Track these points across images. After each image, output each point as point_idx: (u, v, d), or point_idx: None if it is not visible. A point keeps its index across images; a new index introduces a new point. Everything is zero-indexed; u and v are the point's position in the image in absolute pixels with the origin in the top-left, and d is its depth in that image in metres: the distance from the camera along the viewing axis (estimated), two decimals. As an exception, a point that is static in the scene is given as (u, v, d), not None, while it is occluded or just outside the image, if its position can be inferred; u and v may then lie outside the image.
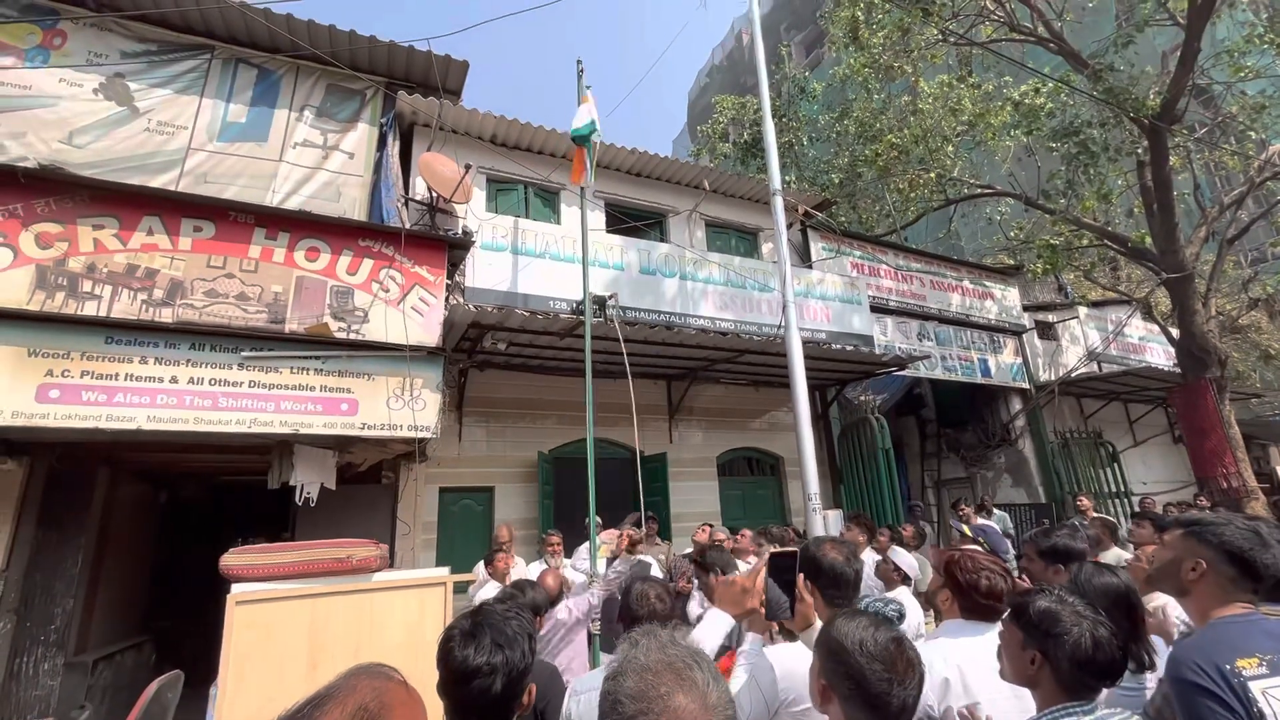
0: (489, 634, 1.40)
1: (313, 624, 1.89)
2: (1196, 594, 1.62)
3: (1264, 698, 1.33)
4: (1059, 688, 1.44)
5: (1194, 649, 1.45)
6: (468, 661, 1.33)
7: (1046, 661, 1.46)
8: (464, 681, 1.32)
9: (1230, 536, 1.58)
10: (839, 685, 1.25)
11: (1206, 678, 1.37)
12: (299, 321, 4.97)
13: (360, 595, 2.00)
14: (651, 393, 8.32)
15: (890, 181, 12.05)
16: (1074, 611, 1.47)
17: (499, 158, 7.90)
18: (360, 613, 1.99)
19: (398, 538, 6.31)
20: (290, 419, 4.78)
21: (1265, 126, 10.93)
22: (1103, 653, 1.40)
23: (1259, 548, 1.55)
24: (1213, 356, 9.49)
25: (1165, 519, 5.67)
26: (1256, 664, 1.38)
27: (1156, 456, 12.74)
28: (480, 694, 1.31)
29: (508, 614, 1.49)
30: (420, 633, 1.97)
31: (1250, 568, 1.54)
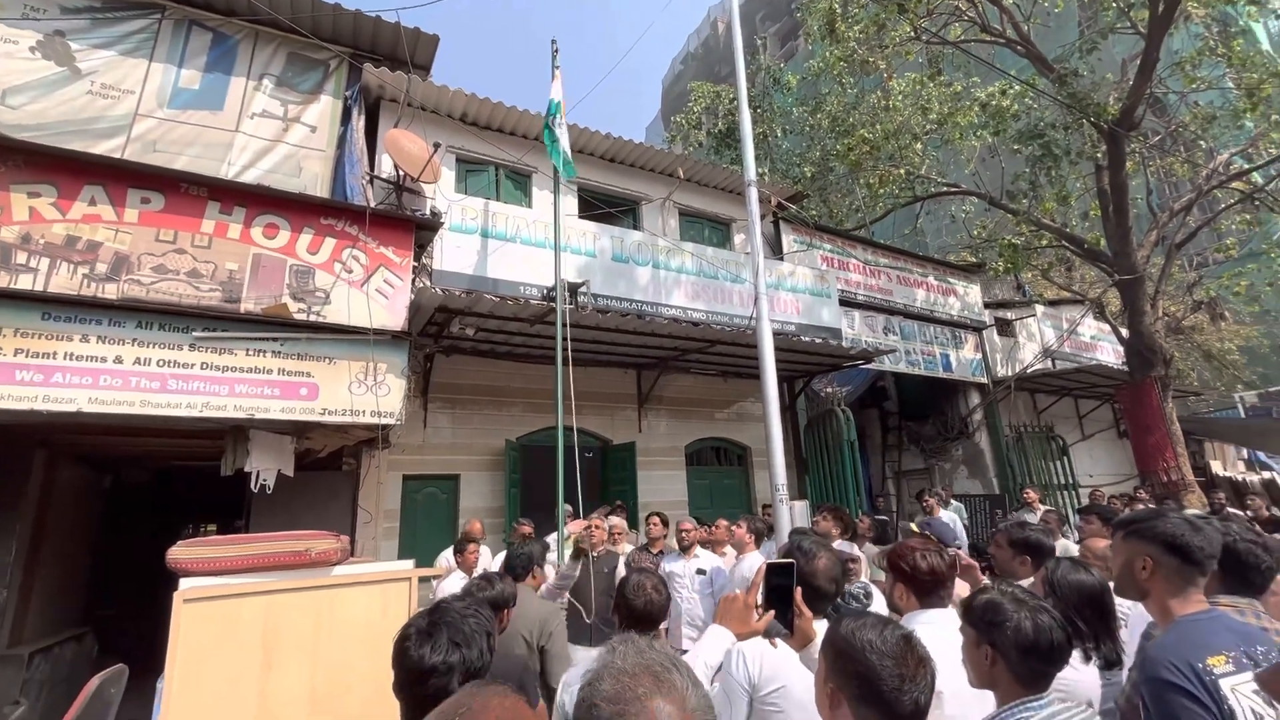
0: (446, 632, 1.35)
1: (267, 622, 1.80)
2: (1154, 592, 1.65)
3: (1233, 694, 1.38)
4: (1014, 681, 1.46)
5: (1168, 649, 1.48)
6: (423, 661, 1.29)
7: (999, 655, 1.48)
8: (420, 681, 1.28)
9: (1164, 527, 1.63)
10: (848, 686, 1.23)
11: (1182, 676, 1.40)
12: (256, 301, 4.75)
13: (319, 591, 1.91)
14: (621, 382, 8.28)
15: (861, 176, 12.18)
16: (1014, 599, 1.49)
17: (470, 137, 7.68)
18: (319, 609, 1.90)
19: (359, 526, 6.15)
20: (245, 403, 4.58)
21: (1214, 137, 11.40)
22: (1044, 636, 1.42)
23: (1192, 533, 1.60)
24: (1159, 356, 9.92)
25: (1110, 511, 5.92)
26: (1224, 661, 1.43)
27: (1103, 450, 13.30)
28: (437, 693, 1.26)
29: (466, 611, 1.45)
30: (383, 630, 1.89)
31: (1188, 554, 1.58)
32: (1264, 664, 1.48)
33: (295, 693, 1.74)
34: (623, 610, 2.11)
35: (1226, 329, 16.38)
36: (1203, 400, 17.27)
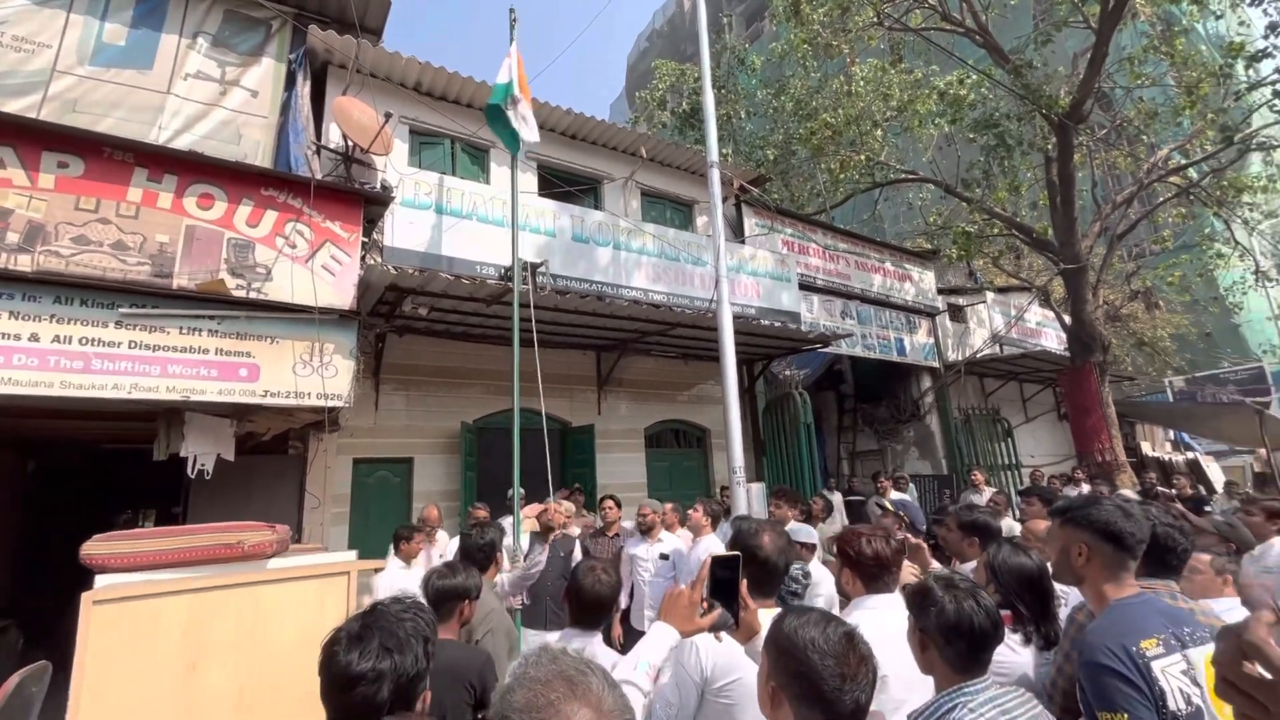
0: (378, 637, 1.27)
1: (190, 621, 1.68)
2: (1090, 578, 1.70)
3: (1163, 676, 1.44)
4: (948, 668, 1.47)
5: (1104, 633, 1.53)
6: (350, 667, 1.21)
7: (928, 640, 1.50)
8: (346, 689, 1.20)
9: (1099, 515, 1.68)
10: (790, 686, 1.21)
11: (1117, 660, 1.45)
12: (190, 277, 4.47)
13: (249, 588, 1.80)
14: (581, 363, 8.19)
15: (822, 161, 12.26)
16: (946, 585, 1.52)
17: (424, 108, 7.37)
18: (249, 607, 1.79)
19: (307, 511, 5.95)
20: (179, 384, 4.33)
21: (1155, 132, 11.87)
22: (966, 620, 1.43)
23: (1125, 519, 1.65)
24: (1098, 343, 10.38)
25: (1051, 492, 6.18)
26: (1156, 644, 1.48)
27: (1044, 432, 13.91)
28: (363, 703, 1.19)
29: (403, 614, 1.37)
30: (319, 628, 1.79)
31: (1121, 540, 1.64)
32: (1190, 644, 1.53)
33: (221, 696, 1.64)
34: (572, 598, 2.07)
35: (1160, 317, 17.26)
36: (1136, 385, 18.23)
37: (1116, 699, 1.42)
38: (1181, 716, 1.42)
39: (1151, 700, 1.41)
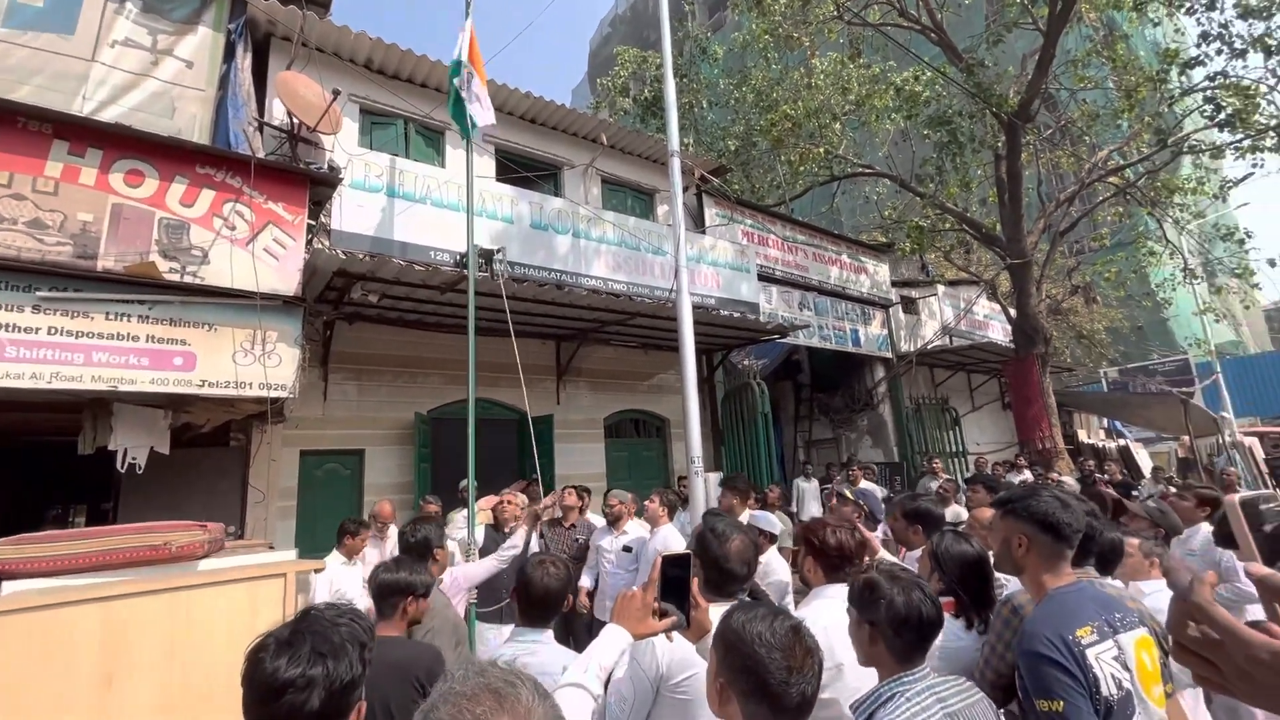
0: (309, 641, 1.18)
1: (106, 631, 1.57)
2: (1029, 568, 1.74)
3: (1097, 662, 1.49)
4: (892, 658, 1.51)
5: (1042, 623, 1.56)
6: (277, 674, 1.12)
7: (876, 632, 1.52)
8: (272, 698, 1.11)
9: (1038, 507, 1.71)
10: (737, 681, 1.20)
11: (1055, 649, 1.49)
12: (116, 259, 4.19)
13: (173, 594, 1.69)
14: (539, 353, 8.08)
15: (782, 153, 12.36)
16: (890, 577, 1.55)
17: (376, 87, 7.09)
18: (174, 614, 1.68)
19: (250, 506, 5.71)
20: (106, 373, 4.06)
21: (1096, 133, 12.38)
22: (914, 611, 1.48)
23: (1062, 511, 1.69)
24: (1040, 335, 10.81)
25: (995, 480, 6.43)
26: (1090, 632, 1.53)
27: (989, 421, 14.48)
28: (291, 712, 1.11)
29: (338, 619, 1.29)
30: (253, 633, 1.70)
31: (1059, 531, 1.68)
32: (1121, 629, 1.60)
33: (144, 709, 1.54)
34: (520, 593, 2.02)
35: (1097, 311, 18.13)
36: (1074, 376, 19.14)
37: (1054, 687, 1.45)
38: (1113, 700, 1.46)
39: (1086, 687, 1.45)
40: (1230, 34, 9.92)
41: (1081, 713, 1.42)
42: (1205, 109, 10.39)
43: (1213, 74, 10.28)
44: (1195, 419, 12.24)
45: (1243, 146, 10.45)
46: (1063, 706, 1.43)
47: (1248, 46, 9.83)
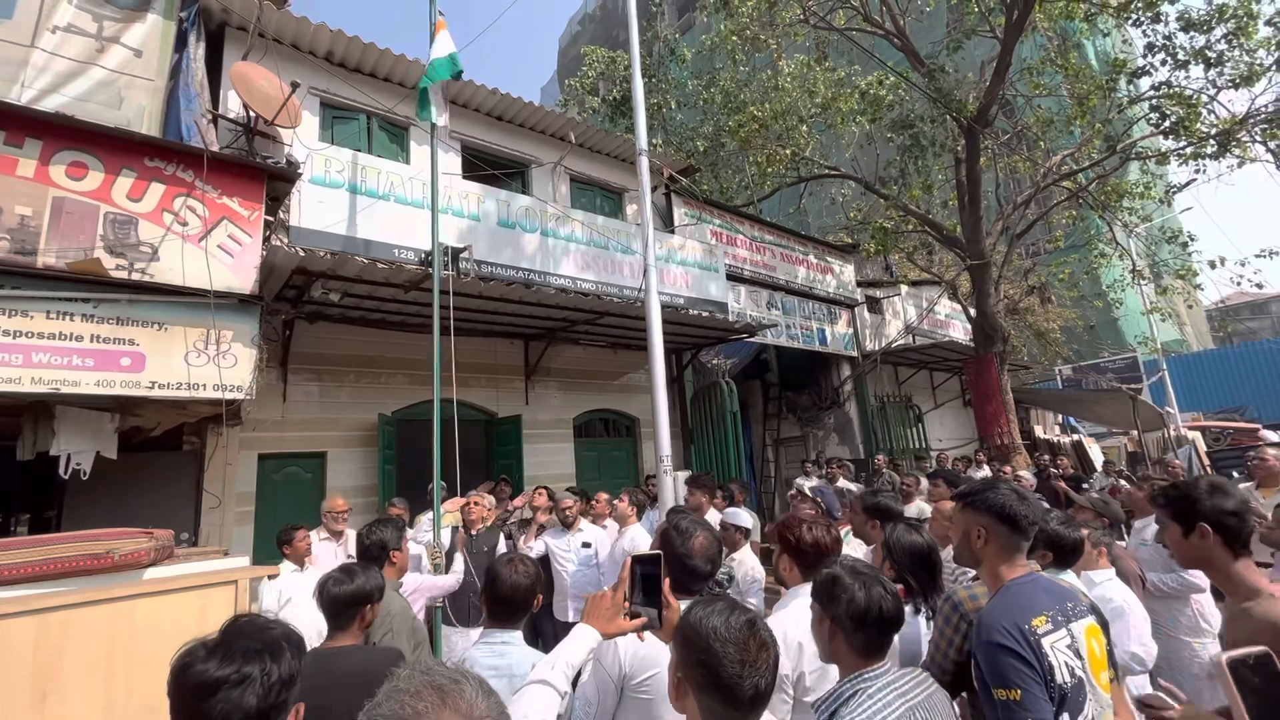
0: (240, 641, 1.16)
1: (41, 645, 1.49)
2: (987, 559, 1.76)
3: (1052, 651, 1.52)
4: (852, 653, 1.52)
5: (1000, 613, 1.59)
6: (209, 673, 1.09)
7: (837, 628, 1.54)
8: (205, 696, 1.07)
9: (996, 499, 1.74)
10: (693, 674, 1.21)
11: (1012, 639, 1.51)
12: (58, 255, 4.00)
13: (116, 604, 1.62)
14: (507, 353, 8.00)
15: (750, 154, 12.49)
16: (852, 572, 1.57)
17: (337, 80, 6.91)
18: (116, 624, 1.61)
19: (205, 512, 5.51)
20: (47, 375, 3.87)
21: (1050, 139, 12.83)
22: (874, 605, 1.50)
23: (1020, 503, 1.73)
24: (999, 334, 11.15)
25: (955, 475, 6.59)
26: (1045, 621, 1.56)
27: (951, 418, 14.86)
28: (225, 711, 1.07)
29: (269, 624, 1.26)
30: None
31: (1016, 523, 1.71)
32: (1073, 618, 1.64)
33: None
34: (488, 592, 1.98)
35: (1052, 311, 18.77)
36: (1030, 373, 19.79)
37: (1011, 676, 1.48)
38: (1067, 688, 1.50)
39: (1041, 675, 1.48)
40: (1174, 45, 10.37)
41: (1038, 700, 1.45)
42: (1151, 117, 10.84)
43: (1158, 84, 10.75)
44: (1143, 414, 12.77)
45: (1185, 153, 10.95)
46: (1020, 695, 1.46)
47: (1189, 59, 10.30)
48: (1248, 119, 10.29)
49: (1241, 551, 1.70)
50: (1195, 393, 21.65)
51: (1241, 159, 10.79)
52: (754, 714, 1.19)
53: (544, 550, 5.00)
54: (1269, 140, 10.39)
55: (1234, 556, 1.69)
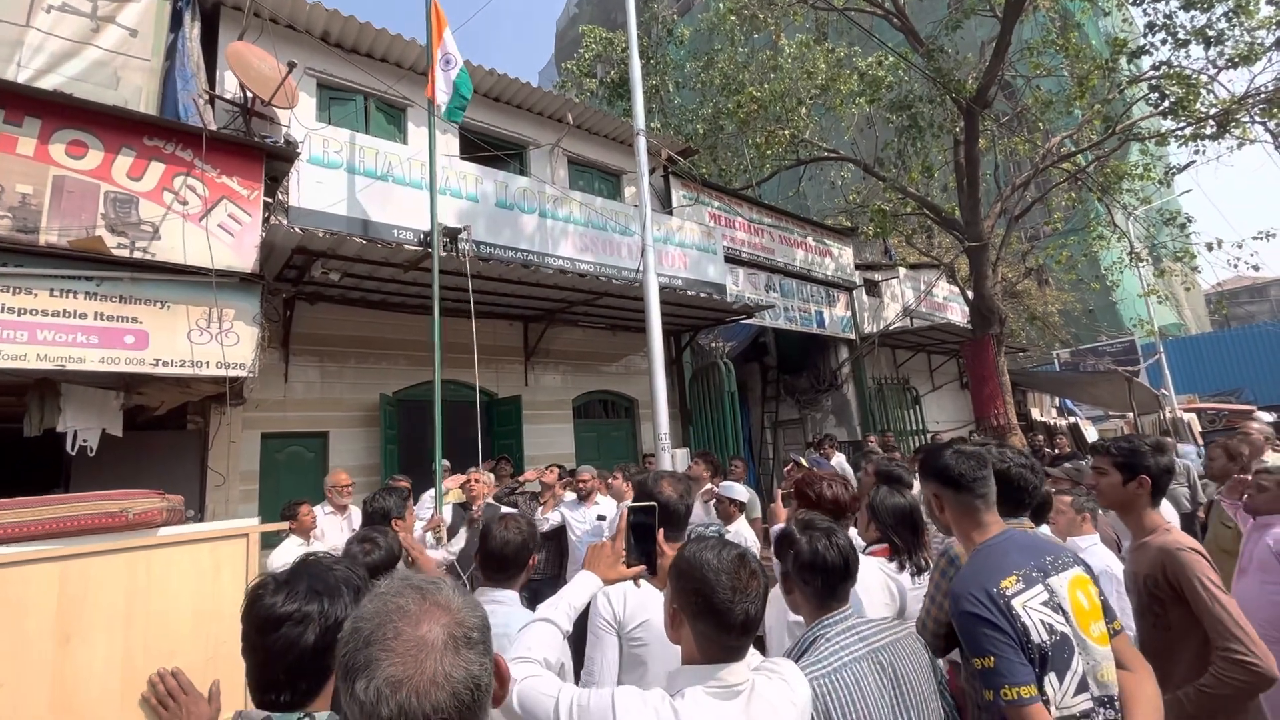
0: (306, 581, 1.24)
1: (65, 591, 1.56)
2: (953, 524, 1.73)
3: (1024, 611, 1.47)
4: (811, 604, 1.57)
5: (968, 580, 1.55)
6: (275, 608, 1.16)
7: (793, 581, 1.58)
8: (269, 630, 1.15)
9: (936, 463, 1.71)
10: (688, 604, 1.27)
11: (980, 605, 1.48)
12: (60, 233, 4.03)
13: (133, 554, 1.69)
14: (507, 334, 8.05)
15: (749, 136, 12.44)
16: (804, 527, 1.60)
17: (334, 60, 6.89)
18: (134, 574, 1.67)
19: (210, 490, 5.59)
20: (52, 352, 3.93)
21: (1050, 121, 12.76)
22: (819, 557, 1.52)
23: (959, 460, 1.67)
24: (996, 316, 11.18)
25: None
26: (1015, 581, 1.51)
27: (948, 400, 14.95)
28: (288, 645, 1.15)
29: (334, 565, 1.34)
30: (214, 596, 1.71)
31: (959, 482, 1.65)
32: (1053, 572, 1.58)
33: (104, 665, 1.54)
34: (479, 554, 2.04)
35: (1050, 294, 18.80)
36: (1028, 356, 19.86)
37: (984, 644, 1.46)
38: (1047, 647, 1.45)
39: (1015, 638, 1.44)
40: (1174, 24, 10.31)
41: (1013, 664, 1.42)
42: (1151, 97, 10.80)
43: (1158, 63, 10.69)
44: (1139, 396, 12.87)
45: (1184, 134, 10.92)
46: (994, 662, 1.43)
47: (1190, 37, 10.24)
48: (1246, 98, 10.25)
49: (1156, 502, 2.06)
50: (1192, 376, 21.75)
51: (1241, 140, 10.76)
52: (744, 639, 1.26)
53: (560, 521, 5.09)
54: (1268, 120, 10.36)
55: (1151, 505, 2.04)
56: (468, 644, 0.74)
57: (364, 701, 0.68)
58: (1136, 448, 2.05)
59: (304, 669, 1.18)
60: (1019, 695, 1.39)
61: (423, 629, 0.73)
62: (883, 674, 1.44)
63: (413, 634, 0.72)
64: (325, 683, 1.24)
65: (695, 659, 1.28)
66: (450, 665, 0.71)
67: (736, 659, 1.26)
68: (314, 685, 1.20)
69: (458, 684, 0.71)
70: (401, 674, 0.69)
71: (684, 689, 1.23)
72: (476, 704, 0.73)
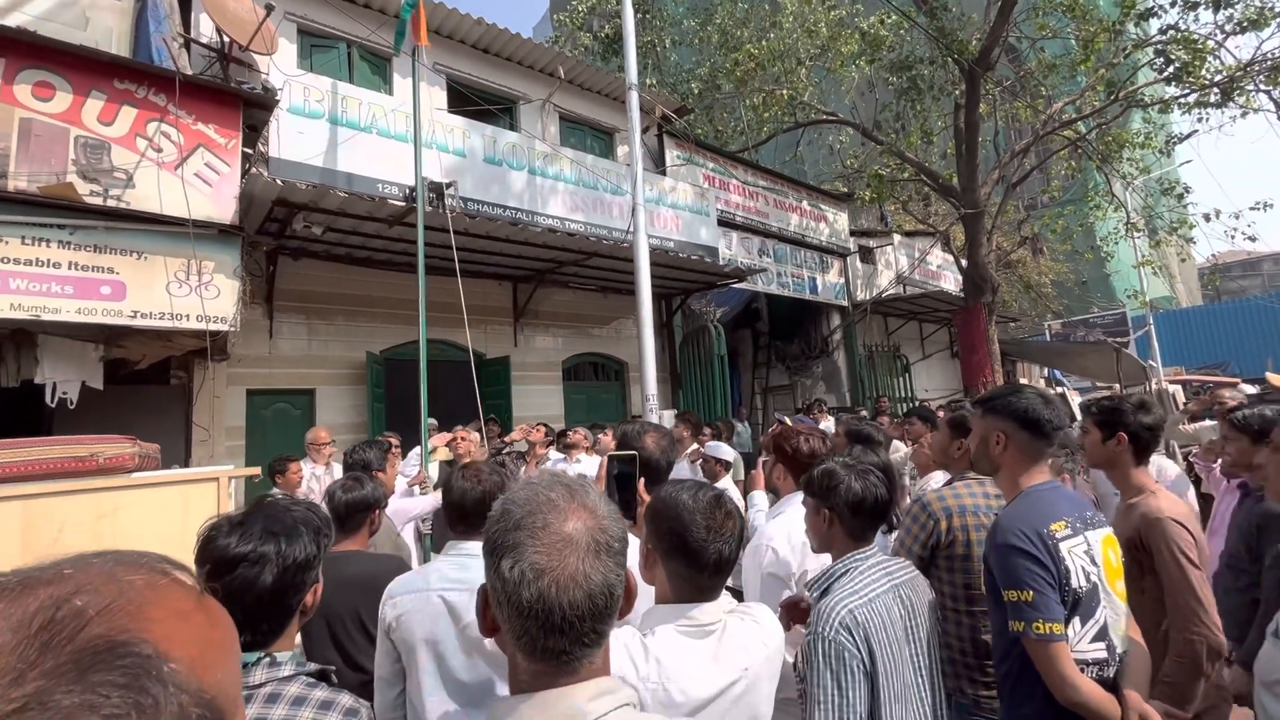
0: (261, 522, 1.22)
1: (27, 529, 1.54)
2: (1006, 465, 1.74)
3: (1069, 555, 1.55)
4: (847, 538, 1.62)
5: (1017, 517, 1.60)
6: (229, 549, 1.16)
7: (835, 516, 1.61)
8: (224, 571, 1.14)
9: (1019, 403, 1.71)
10: (662, 543, 1.28)
11: (1028, 541, 1.53)
12: (29, 179, 3.91)
13: (100, 495, 1.67)
14: (496, 294, 7.96)
15: (746, 97, 12.14)
16: (845, 466, 1.65)
17: (315, 6, 6.62)
18: (101, 515, 1.66)
19: (195, 445, 5.57)
20: (26, 301, 3.85)
21: (1053, 85, 12.51)
22: (870, 492, 1.59)
23: (1044, 407, 1.69)
24: (988, 284, 11.16)
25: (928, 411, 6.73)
26: (1064, 527, 1.58)
27: (938, 368, 15.03)
28: (245, 586, 1.14)
29: (291, 506, 1.32)
30: (183, 531, 1.69)
31: (1039, 427, 1.67)
32: (1092, 526, 1.66)
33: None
34: (444, 503, 2.03)
35: (1044, 264, 18.75)
36: (1019, 326, 19.93)
37: (1024, 578, 1.51)
38: (1081, 592, 1.54)
39: (1057, 578, 1.51)
40: (1184, -15, 10.04)
41: (1050, 602, 1.48)
42: (1156, 62, 10.58)
43: (1165, 27, 10.44)
44: (1126, 367, 12.94)
45: (1188, 102, 10.74)
46: (1032, 596, 1.49)
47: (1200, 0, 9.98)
48: (1252, 64, 10.06)
49: (1142, 460, 2.02)
50: (1181, 348, 21.92)
51: (1245, 108, 10.60)
52: (717, 579, 1.27)
53: None
54: (1272, 88, 10.19)
55: (1136, 463, 2.00)
56: (609, 551, 0.79)
57: (507, 579, 0.74)
58: (1116, 406, 2.04)
59: (263, 610, 1.17)
60: (1050, 631, 1.47)
61: (569, 526, 0.77)
62: (903, 607, 1.53)
63: (559, 528, 0.77)
64: (288, 623, 1.23)
65: (668, 598, 1.29)
66: (590, 567, 0.76)
67: (709, 598, 1.28)
68: (276, 625, 1.20)
69: (594, 586, 0.75)
70: (545, 563, 0.74)
71: (655, 626, 1.24)
72: (608, 609, 0.77)
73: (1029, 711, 1.57)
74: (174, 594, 0.45)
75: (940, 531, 2.02)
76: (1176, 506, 1.93)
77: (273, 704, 1.09)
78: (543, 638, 0.74)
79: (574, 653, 0.75)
